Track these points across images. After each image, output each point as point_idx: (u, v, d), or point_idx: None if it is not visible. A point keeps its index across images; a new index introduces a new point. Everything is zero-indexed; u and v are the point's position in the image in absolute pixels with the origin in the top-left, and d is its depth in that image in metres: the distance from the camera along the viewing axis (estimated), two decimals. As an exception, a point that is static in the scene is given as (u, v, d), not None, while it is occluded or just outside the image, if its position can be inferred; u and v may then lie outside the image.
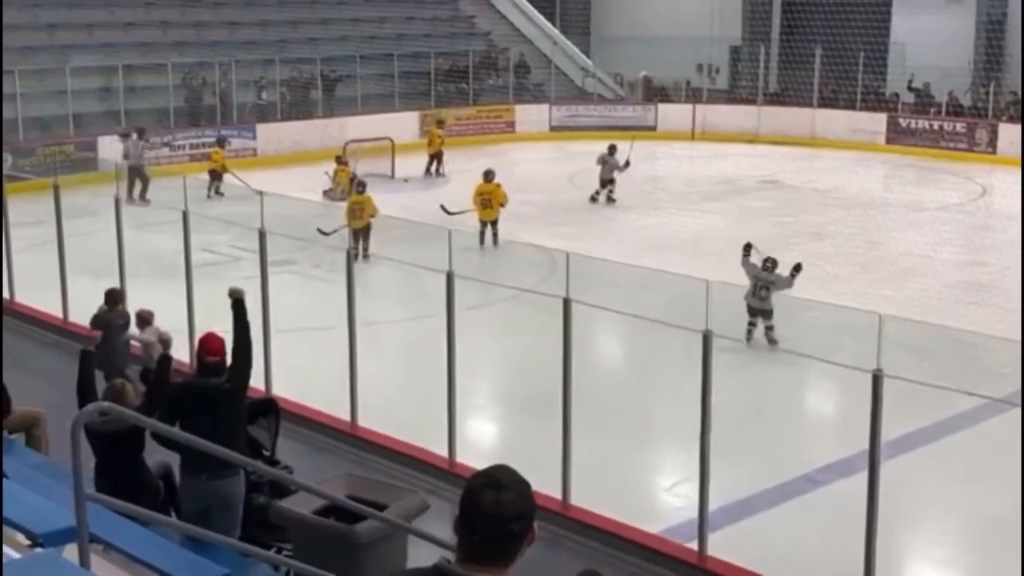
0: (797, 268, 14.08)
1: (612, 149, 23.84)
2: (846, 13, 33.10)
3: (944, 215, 23.02)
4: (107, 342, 11.67)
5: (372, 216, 18.38)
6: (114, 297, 12.18)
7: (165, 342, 8.85)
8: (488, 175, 20.23)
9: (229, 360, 7.92)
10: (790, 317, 13.97)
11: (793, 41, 34.30)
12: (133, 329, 11.90)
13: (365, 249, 17.95)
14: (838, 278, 17.61)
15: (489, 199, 19.88)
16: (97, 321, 11.83)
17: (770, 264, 14.16)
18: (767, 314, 14.04)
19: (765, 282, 14.05)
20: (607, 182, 23.67)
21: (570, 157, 29.09)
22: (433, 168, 27.00)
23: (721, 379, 8.88)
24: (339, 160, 24.36)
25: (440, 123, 28.57)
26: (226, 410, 7.73)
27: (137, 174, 22.85)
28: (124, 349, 11.92)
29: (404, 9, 35.58)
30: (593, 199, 23.74)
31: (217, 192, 23.25)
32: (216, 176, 23.69)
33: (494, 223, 19.76)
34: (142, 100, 27.90)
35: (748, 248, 14.51)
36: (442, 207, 20.64)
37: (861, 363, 7.95)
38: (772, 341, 13.99)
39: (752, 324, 14.11)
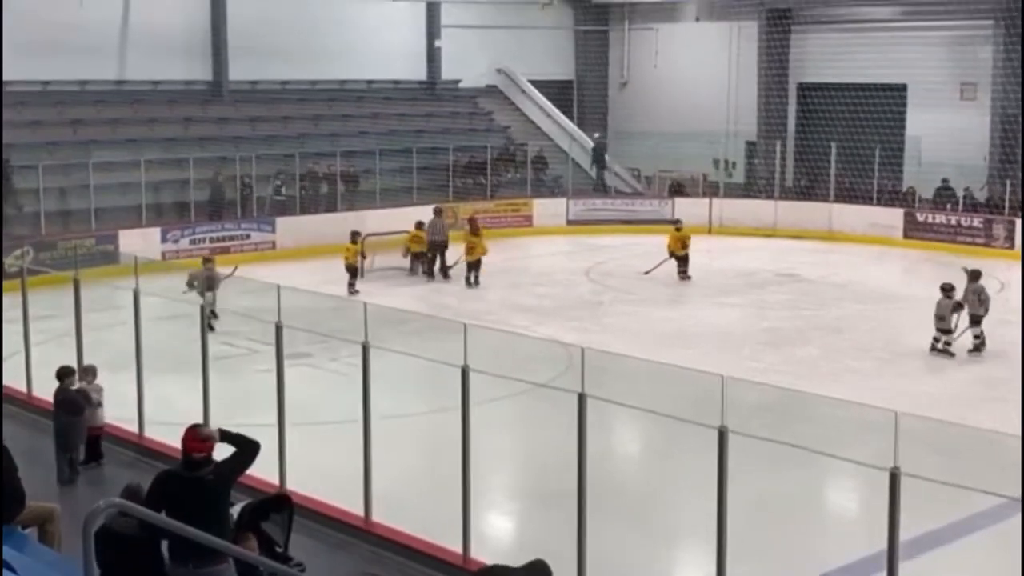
0: (960, 305, 18.74)
1: (976, 274, 19.81)
2: (861, 109, 33.39)
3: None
4: (57, 419, 11.93)
5: (483, 254, 24.53)
6: (59, 375, 12.32)
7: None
8: (474, 226, 25.33)
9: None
10: (807, 413, 13.87)
11: (808, 137, 34.59)
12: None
13: (476, 278, 24.48)
14: (856, 372, 17.55)
15: (473, 246, 24.78)
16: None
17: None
18: (948, 332, 18.47)
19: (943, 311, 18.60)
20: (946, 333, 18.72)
21: (587, 250, 29.23)
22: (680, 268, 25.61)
23: (738, 475, 8.79)
24: (419, 226, 25.88)
25: (677, 223, 26.63)
26: (210, 499, 7.77)
27: (439, 249, 25.42)
28: (75, 423, 12.16)
29: (423, 105, 36.07)
30: (938, 349, 18.79)
31: (353, 289, 23.55)
32: (352, 272, 23.99)
33: (477, 264, 24.63)
34: (164, 194, 28.27)
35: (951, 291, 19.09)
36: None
37: (879, 460, 7.88)
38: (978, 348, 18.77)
39: (936, 339, 18.65)
